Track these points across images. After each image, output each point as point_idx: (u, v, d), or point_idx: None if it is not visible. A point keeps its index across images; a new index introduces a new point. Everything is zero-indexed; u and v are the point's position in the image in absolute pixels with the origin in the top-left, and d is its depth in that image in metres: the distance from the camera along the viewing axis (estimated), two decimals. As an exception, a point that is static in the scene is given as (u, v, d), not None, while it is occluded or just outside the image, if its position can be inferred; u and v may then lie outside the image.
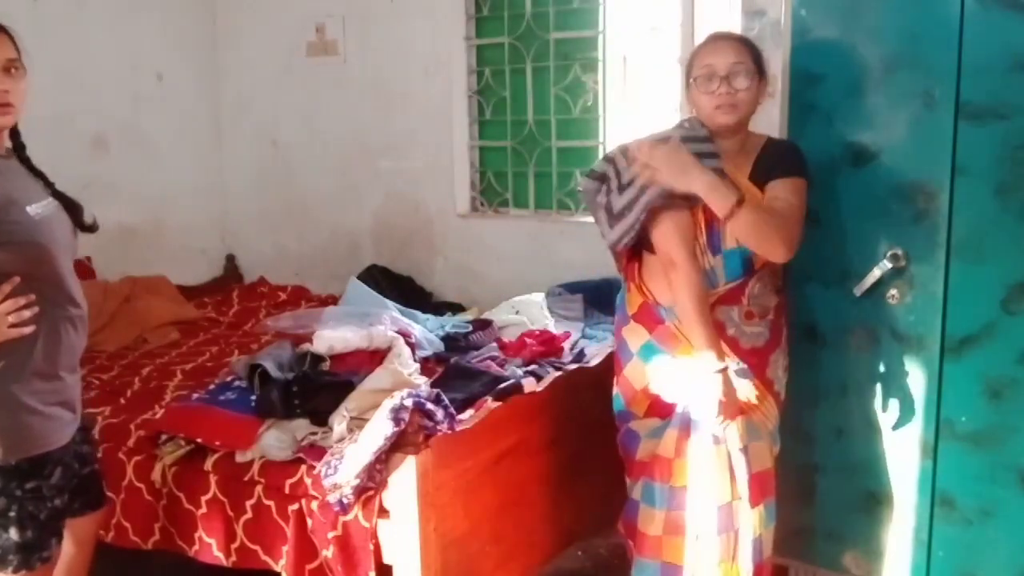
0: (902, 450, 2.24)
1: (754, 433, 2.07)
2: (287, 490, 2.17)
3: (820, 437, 2.36)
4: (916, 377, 2.19)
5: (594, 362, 2.65)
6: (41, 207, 1.83)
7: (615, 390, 2.23)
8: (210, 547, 2.29)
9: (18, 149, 1.91)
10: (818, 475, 2.38)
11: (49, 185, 1.92)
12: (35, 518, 1.86)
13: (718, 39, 2.06)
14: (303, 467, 2.16)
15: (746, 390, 2.05)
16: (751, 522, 2.07)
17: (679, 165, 1.95)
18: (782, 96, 2.29)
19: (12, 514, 1.83)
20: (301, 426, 2.26)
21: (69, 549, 2.02)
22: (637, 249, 2.16)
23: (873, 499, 2.30)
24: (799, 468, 2.39)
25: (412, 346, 2.63)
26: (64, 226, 1.90)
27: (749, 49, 2.03)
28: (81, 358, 1.99)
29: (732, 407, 2.00)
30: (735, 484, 2.05)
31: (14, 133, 1.90)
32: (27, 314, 1.79)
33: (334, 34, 3.97)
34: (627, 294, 2.21)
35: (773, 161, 2.05)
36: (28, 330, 1.79)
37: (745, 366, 2.05)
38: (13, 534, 1.84)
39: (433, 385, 2.32)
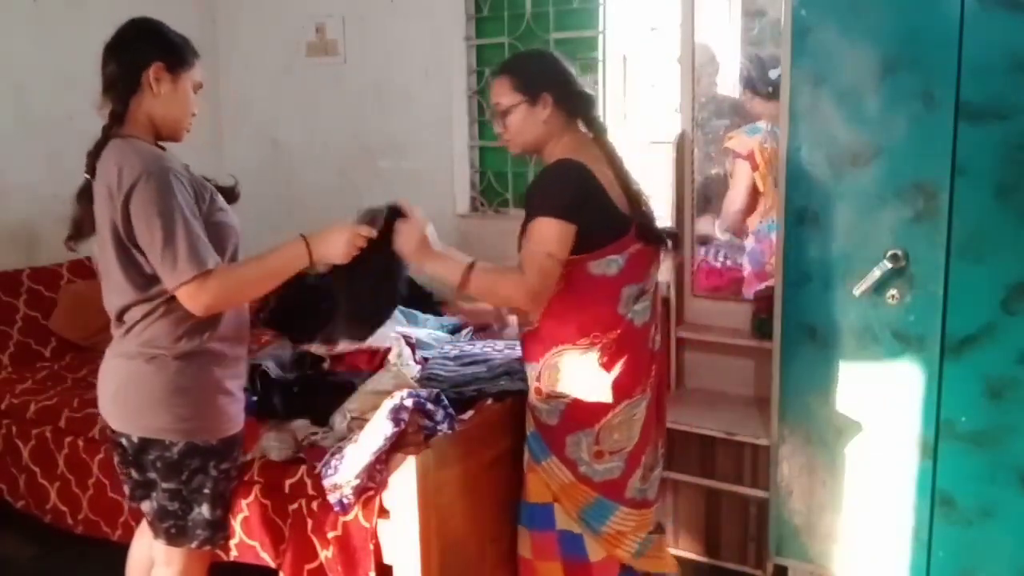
0: (902, 450, 2.24)
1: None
2: (287, 490, 2.17)
3: (820, 437, 2.36)
4: (916, 377, 2.19)
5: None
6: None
7: None
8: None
9: None
10: (818, 475, 2.38)
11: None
12: (223, 497, 1.93)
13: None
14: (303, 467, 2.16)
15: None
16: None
17: (415, 244, 1.94)
18: (782, 96, 2.29)
19: (207, 491, 1.89)
20: (301, 426, 2.26)
21: None
22: None
23: (873, 499, 2.30)
24: (799, 468, 2.40)
25: (412, 346, 2.63)
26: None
27: (507, 78, 1.99)
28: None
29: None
30: None
31: None
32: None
33: (334, 34, 3.97)
34: None
35: (527, 202, 1.95)
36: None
37: None
38: (205, 511, 1.90)
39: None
